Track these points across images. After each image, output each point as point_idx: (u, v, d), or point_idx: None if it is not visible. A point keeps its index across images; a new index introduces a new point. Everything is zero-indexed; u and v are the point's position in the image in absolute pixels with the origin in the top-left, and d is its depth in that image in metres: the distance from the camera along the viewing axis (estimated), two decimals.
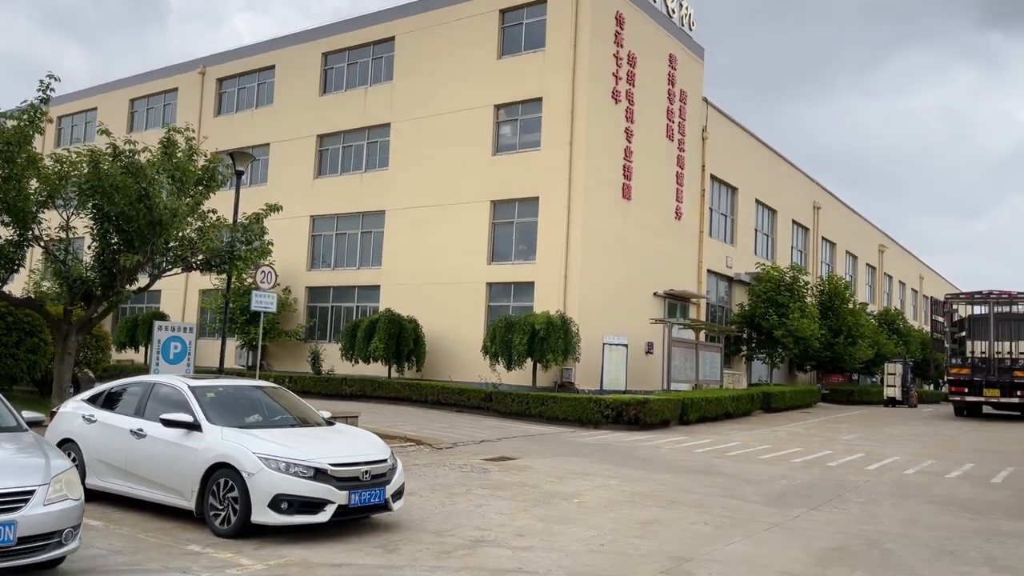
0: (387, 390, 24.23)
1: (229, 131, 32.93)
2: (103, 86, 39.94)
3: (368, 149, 30.51)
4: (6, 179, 13.18)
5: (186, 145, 15.23)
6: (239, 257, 15.90)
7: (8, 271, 14.21)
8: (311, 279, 31.06)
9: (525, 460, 13.86)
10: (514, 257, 26.36)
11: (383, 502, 8.25)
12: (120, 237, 14.17)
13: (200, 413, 8.43)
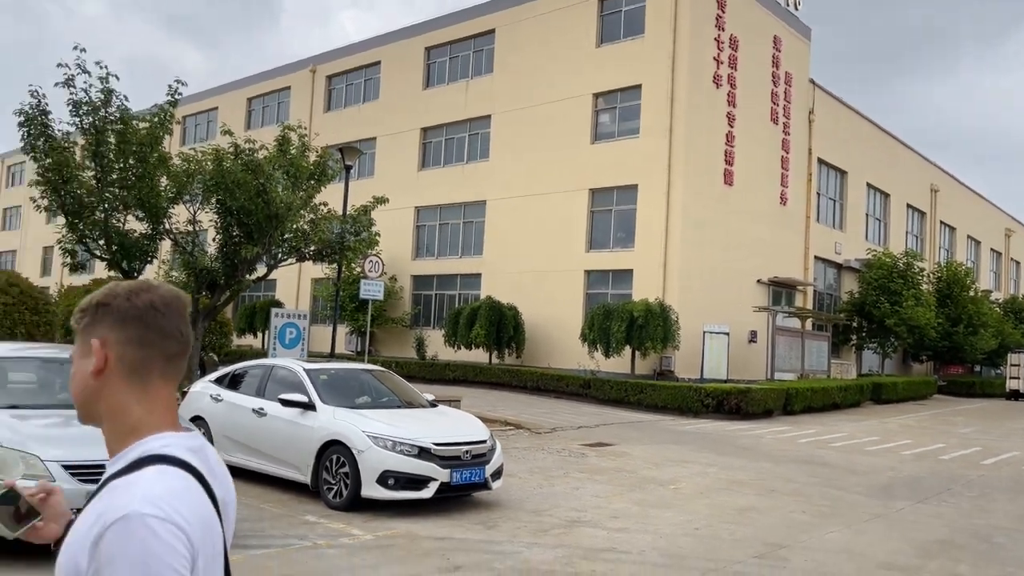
0: (488, 375, 24.81)
1: (338, 126, 34.25)
2: (223, 87, 42.18)
3: (469, 141, 31.14)
4: (140, 178, 14.30)
5: (299, 142, 16.07)
6: (348, 247, 16.67)
7: (143, 262, 15.41)
8: (415, 268, 32.02)
9: (622, 446, 14.03)
10: (612, 245, 26.42)
11: (483, 481, 8.64)
12: (241, 230, 15.13)
13: (314, 394, 9.05)
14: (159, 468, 1.35)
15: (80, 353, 1.47)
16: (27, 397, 7.50)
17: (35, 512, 1.57)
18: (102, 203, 14.24)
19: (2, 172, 58.02)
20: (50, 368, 8.08)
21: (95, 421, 1.47)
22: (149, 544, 1.24)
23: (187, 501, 1.33)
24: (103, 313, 1.46)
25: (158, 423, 1.44)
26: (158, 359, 1.46)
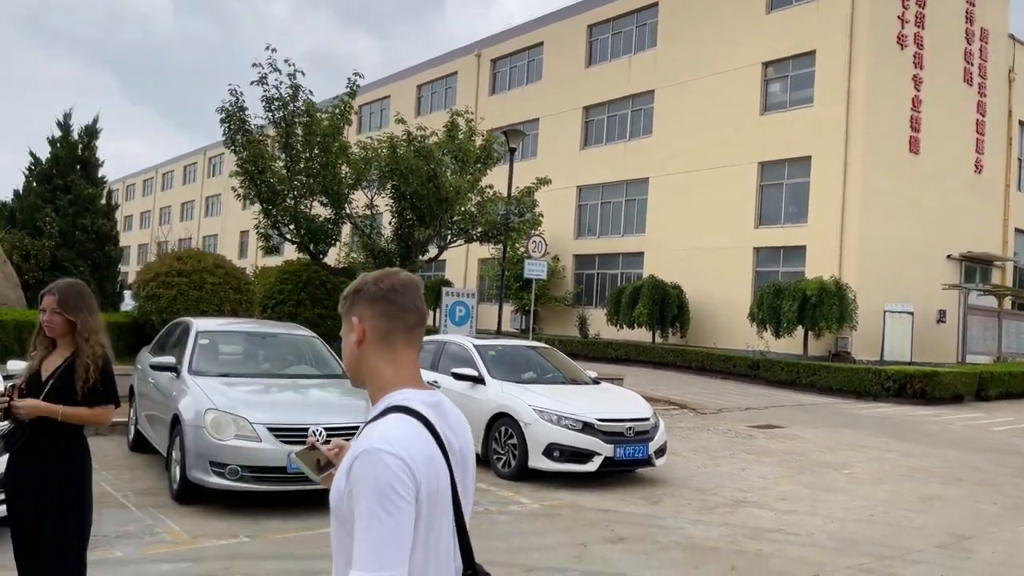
0: (651, 355, 24.69)
1: (502, 109, 34.99)
2: (394, 75, 44.18)
3: (632, 117, 30.86)
4: (324, 166, 15.40)
5: (466, 127, 16.67)
6: (513, 228, 17.14)
7: (328, 245, 16.63)
8: (578, 247, 32.27)
9: (793, 429, 13.62)
10: (783, 220, 25.38)
11: (646, 457, 8.75)
12: (414, 213, 15.95)
13: (483, 368, 9.49)
14: (397, 416, 1.74)
15: (346, 330, 1.88)
16: (234, 366, 8.41)
17: (331, 464, 2.02)
18: (292, 191, 15.47)
19: (204, 164, 63.87)
20: (253, 341, 9.01)
21: (362, 383, 1.89)
22: (380, 471, 1.63)
23: (414, 442, 1.70)
24: (358, 297, 1.87)
25: (402, 381, 1.83)
26: (401, 329, 1.85)
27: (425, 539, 1.70)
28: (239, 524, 6.47)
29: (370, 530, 1.62)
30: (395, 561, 1.61)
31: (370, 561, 1.60)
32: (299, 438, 6.81)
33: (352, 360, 1.87)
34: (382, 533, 1.61)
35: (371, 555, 1.61)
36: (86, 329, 3.68)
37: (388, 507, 1.62)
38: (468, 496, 1.88)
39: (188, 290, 13.80)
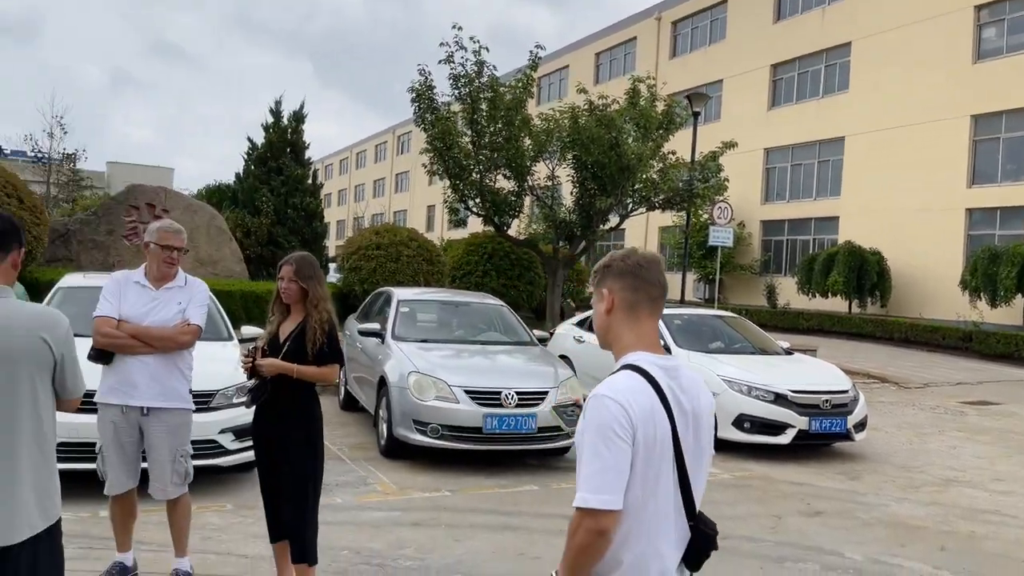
0: (847, 326, 23.34)
1: (683, 72, 34.05)
2: (572, 45, 44.14)
3: (825, 73, 28.99)
4: (507, 140, 15.80)
5: (648, 92, 16.45)
6: (697, 195, 16.77)
7: (511, 216, 17.11)
8: (765, 212, 30.95)
9: (1011, 406, 12.46)
10: (1000, 178, 22.96)
11: (844, 431, 8.39)
12: (595, 183, 16.02)
13: (670, 338, 9.45)
14: (626, 372, 2.01)
15: (596, 300, 2.16)
16: (431, 333, 8.94)
17: None
18: (477, 165, 16.01)
19: (393, 142, 67.25)
20: (447, 309, 9.52)
21: (608, 346, 2.15)
22: (602, 413, 1.91)
23: (636, 394, 1.95)
24: (607, 272, 2.13)
25: (640, 345, 2.07)
26: (645, 301, 2.09)
27: (643, 478, 1.92)
28: (441, 479, 6.93)
29: (592, 461, 1.89)
30: (611, 488, 1.87)
31: (590, 485, 1.88)
32: (493, 401, 7.17)
33: (601, 326, 2.14)
34: (601, 464, 1.88)
35: (591, 480, 1.88)
36: (316, 296, 4.10)
37: (607, 443, 1.88)
38: (702, 454, 2.07)
39: (386, 262, 14.73)
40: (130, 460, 4.23)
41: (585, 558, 1.92)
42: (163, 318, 4.26)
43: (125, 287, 4.30)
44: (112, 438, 4.19)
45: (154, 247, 4.30)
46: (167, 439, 4.22)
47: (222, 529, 5.33)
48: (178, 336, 4.26)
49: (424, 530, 5.61)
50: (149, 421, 4.20)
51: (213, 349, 6.57)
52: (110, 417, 4.18)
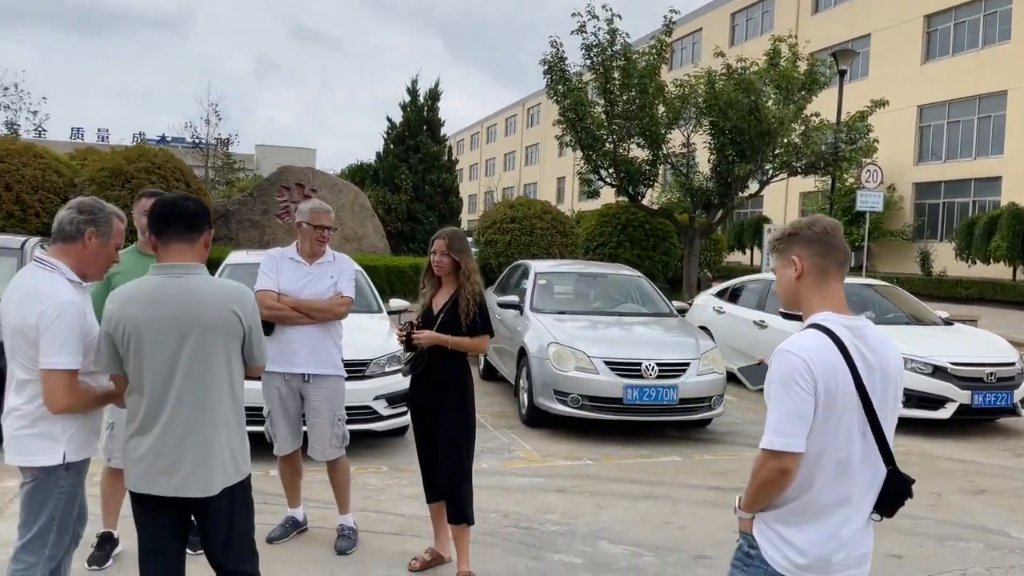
0: (1011, 294, 21.65)
1: (826, 28, 32.24)
2: (705, 7, 42.68)
3: (985, 22, 26.69)
4: (641, 108, 15.56)
5: (789, 52, 15.72)
6: (843, 158, 15.95)
7: (645, 186, 16.88)
8: (918, 174, 29.01)
9: None
10: None
11: (1010, 406, 7.86)
12: (733, 149, 15.53)
13: None
14: (811, 331, 2.21)
15: (782, 265, 2.32)
16: (568, 304, 9.03)
17: None
18: (611, 135, 15.87)
19: (523, 115, 67.58)
20: (584, 281, 9.57)
21: (794, 308, 2.34)
22: (786, 366, 2.13)
23: (818, 350, 2.14)
24: (795, 239, 2.29)
25: (827, 307, 2.25)
26: (833, 266, 2.26)
27: (824, 427, 2.12)
28: (582, 448, 7.05)
29: (776, 408, 2.12)
30: (793, 432, 2.09)
31: (775, 429, 2.11)
32: (633, 372, 7.19)
33: (789, 290, 2.31)
34: (785, 411, 2.10)
35: (775, 425, 2.11)
36: (468, 269, 4.26)
37: (790, 393, 2.10)
38: (889, 407, 2.24)
39: (520, 235, 14.93)
40: (294, 423, 4.57)
41: (766, 492, 2.16)
42: (317, 291, 4.53)
43: (281, 263, 4.60)
44: (278, 403, 4.53)
45: (306, 227, 4.58)
46: (326, 404, 4.52)
47: (380, 490, 5.67)
48: (335, 307, 4.55)
49: (568, 496, 5.74)
50: (309, 387, 4.51)
51: (364, 321, 6.94)
52: (275, 384, 4.51)
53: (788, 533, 2.17)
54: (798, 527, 2.16)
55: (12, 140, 14.17)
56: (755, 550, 2.23)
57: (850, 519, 2.18)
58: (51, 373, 2.70)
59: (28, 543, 2.83)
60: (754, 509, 2.23)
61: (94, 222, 2.90)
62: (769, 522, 2.20)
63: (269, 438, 4.67)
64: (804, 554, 2.15)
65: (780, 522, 2.19)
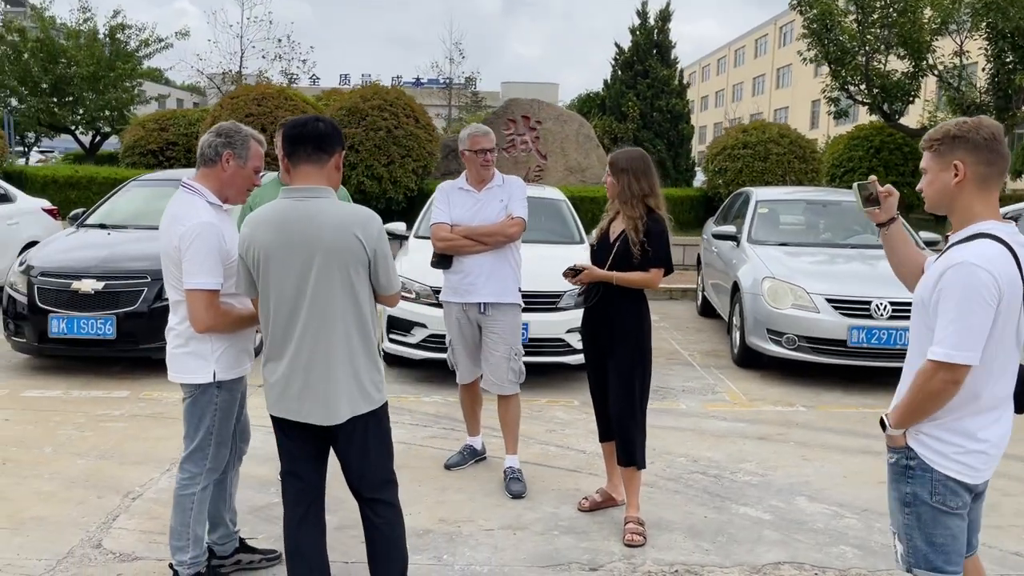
0: None
1: None
2: None
3: None
4: (902, 13, 13.64)
5: None
6: None
7: (904, 103, 14.91)
8: None
9: None
10: None
11: None
12: (1015, 55, 13.16)
13: None
14: (983, 240, 2.16)
15: (939, 168, 2.24)
16: (794, 236, 8.20)
17: (876, 201, 2.48)
18: (863, 46, 14.14)
19: (775, 34, 62.78)
20: (814, 209, 8.64)
21: (941, 211, 2.29)
22: (972, 280, 2.10)
23: (1001, 263, 2.12)
24: (958, 143, 2.21)
25: (988, 215, 2.23)
26: (996, 175, 2.23)
27: (1000, 338, 2.16)
28: (795, 393, 6.42)
29: (958, 320, 2.10)
30: (972, 347, 2.12)
31: (952, 343, 2.12)
32: (861, 311, 6.38)
33: (944, 195, 2.24)
34: (967, 325, 2.10)
35: (953, 338, 2.11)
36: (629, 192, 3.86)
37: (975, 308, 2.09)
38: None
39: (753, 161, 13.88)
40: (473, 353, 4.52)
41: (932, 405, 2.20)
42: (488, 216, 4.40)
43: (451, 194, 4.50)
44: (457, 333, 4.50)
45: (468, 153, 4.43)
46: (503, 336, 4.40)
47: (566, 424, 5.54)
48: (505, 229, 4.37)
49: (770, 445, 5.24)
50: (486, 318, 4.40)
51: (563, 251, 6.75)
52: (454, 314, 4.48)
53: (953, 438, 2.24)
54: (963, 431, 2.23)
55: (267, 85, 15.57)
56: (915, 460, 2.28)
57: (1004, 417, 2.28)
58: (192, 293, 2.80)
59: (190, 454, 3.01)
60: (913, 422, 2.27)
61: (230, 144, 2.93)
62: (930, 431, 2.25)
63: (451, 366, 4.68)
64: (970, 453, 2.23)
65: (943, 428, 2.24)
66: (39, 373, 6.36)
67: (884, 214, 2.53)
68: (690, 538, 3.87)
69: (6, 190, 9.32)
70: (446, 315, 4.56)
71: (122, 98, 20.92)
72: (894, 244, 2.58)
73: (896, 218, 2.54)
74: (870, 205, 2.47)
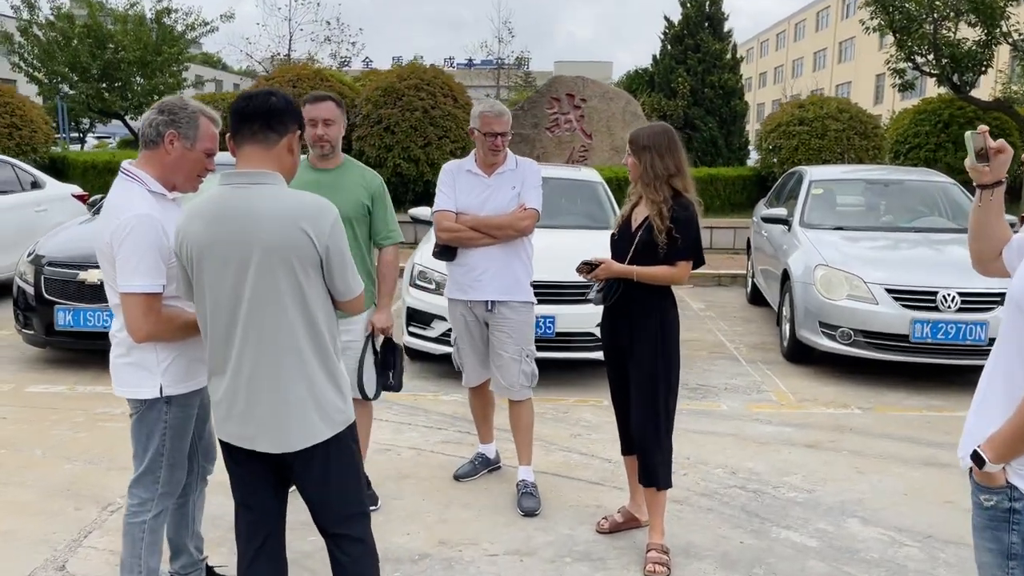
0: None
1: None
2: None
3: None
4: None
5: None
6: None
7: (975, 73, 13.89)
8: None
9: None
10: None
11: None
12: None
13: None
14: None
15: None
16: (852, 219, 7.55)
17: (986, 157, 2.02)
18: (931, 13, 13.18)
19: (837, 6, 60.36)
20: (874, 190, 7.95)
21: None
22: None
23: None
24: None
25: None
26: None
27: None
28: (850, 393, 5.84)
29: None
30: None
31: None
32: (925, 303, 5.76)
33: None
34: None
35: None
36: (651, 174, 3.38)
37: None
38: None
39: (810, 139, 13.10)
40: (482, 353, 4.09)
41: None
42: (498, 205, 3.89)
43: (458, 177, 3.99)
44: (464, 332, 4.07)
45: (477, 133, 3.91)
46: (512, 336, 3.94)
47: (593, 427, 5.08)
48: (517, 222, 3.88)
49: (819, 454, 4.71)
50: (494, 316, 3.95)
51: (597, 237, 6.25)
52: (459, 312, 4.05)
53: None
54: None
55: (303, 66, 15.31)
56: (1021, 500, 1.86)
57: None
58: (127, 297, 2.42)
59: (139, 478, 2.66)
60: (1019, 455, 1.84)
61: (174, 123, 2.53)
62: None
63: (457, 367, 4.26)
64: None
65: None
66: (49, 367, 6.16)
67: (992, 173, 2.05)
68: (722, 568, 3.40)
69: (35, 176, 9.21)
70: (451, 312, 4.14)
71: (169, 83, 20.93)
72: (988, 216, 2.08)
73: (1003, 181, 2.05)
74: (981, 161, 2.03)
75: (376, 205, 3.66)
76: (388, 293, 3.72)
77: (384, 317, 3.67)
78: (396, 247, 3.76)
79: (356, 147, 12.44)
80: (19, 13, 20.54)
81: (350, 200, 3.55)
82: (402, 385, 3.77)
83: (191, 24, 21.72)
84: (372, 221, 3.67)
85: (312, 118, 3.51)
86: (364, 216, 3.64)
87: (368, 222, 3.66)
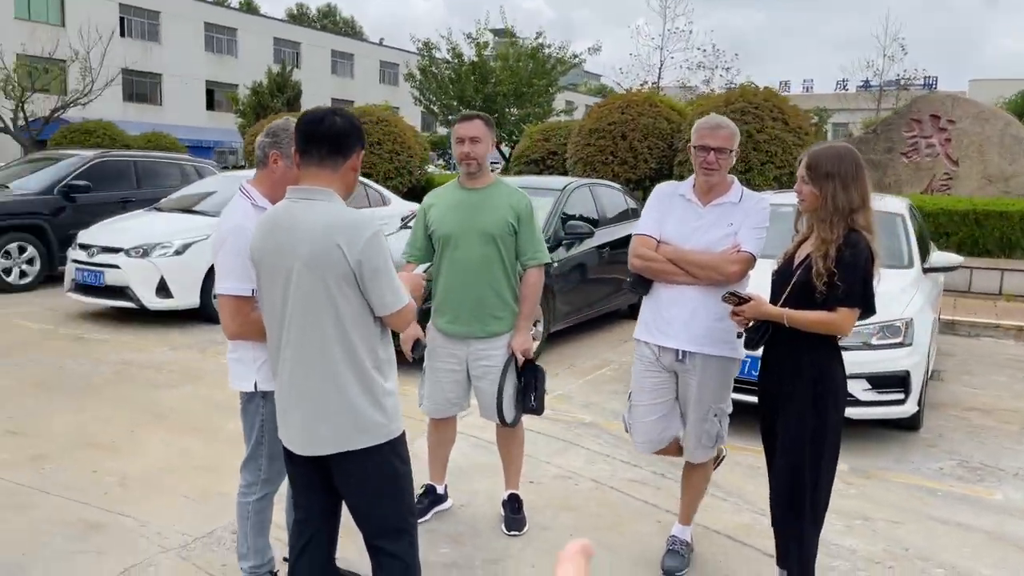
0: None
1: None
2: None
3: None
4: None
5: None
6: None
7: None
8: None
9: None
10: None
11: None
12: None
13: None
14: None
15: None
16: None
17: None
18: None
19: None
20: None
21: None
22: None
23: None
24: None
25: None
26: None
27: None
28: None
29: None
30: None
31: None
32: None
33: None
34: None
35: None
36: (830, 207, 2.88)
37: None
38: None
39: None
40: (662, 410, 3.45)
41: None
42: (708, 241, 3.26)
43: (671, 201, 3.42)
44: (642, 382, 3.45)
45: (693, 149, 3.32)
46: (700, 391, 3.33)
47: None
48: (724, 265, 3.21)
49: None
50: (684, 367, 3.33)
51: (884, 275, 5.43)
52: (643, 354, 3.45)
53: None
54: None
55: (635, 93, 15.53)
56: None
57: None
58: (220, 298, 2.75)
59: (246, 462, 2.98)
60: None
61: (276, 144, 2.81)
62: None
63: (627, 428, 3.59)
64: None
65: None
66: None
67: None
68: None
69: (383, 195, 10.69)
70: (636, 357, 3.53)
71: (536, 112, 22.85)
72: None
73: None
74: None
75: (522, 225, 3.60)
76: (528, 315, 3.63)
77: (522, 339, 3.61)
78: (540, 269, 3.68)
79: (676, 172, 12.33)
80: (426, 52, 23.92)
81: (494, 218, 3.56)
82: (544, 408, 3.67)
83: (560, 59, 23.45)
84: (518, 241, 3.62)
85: (460, 136, 3.55)
86: (509, 235, 3.59)
87: (513, 242, 3.61)
